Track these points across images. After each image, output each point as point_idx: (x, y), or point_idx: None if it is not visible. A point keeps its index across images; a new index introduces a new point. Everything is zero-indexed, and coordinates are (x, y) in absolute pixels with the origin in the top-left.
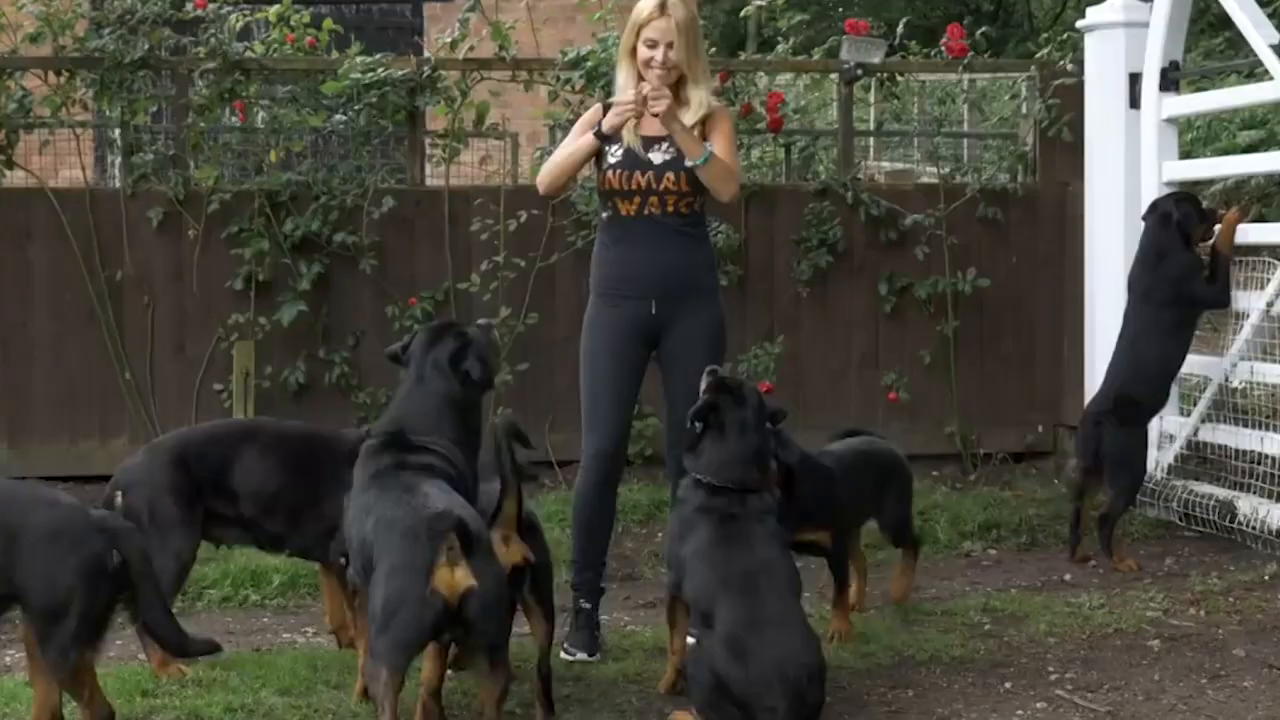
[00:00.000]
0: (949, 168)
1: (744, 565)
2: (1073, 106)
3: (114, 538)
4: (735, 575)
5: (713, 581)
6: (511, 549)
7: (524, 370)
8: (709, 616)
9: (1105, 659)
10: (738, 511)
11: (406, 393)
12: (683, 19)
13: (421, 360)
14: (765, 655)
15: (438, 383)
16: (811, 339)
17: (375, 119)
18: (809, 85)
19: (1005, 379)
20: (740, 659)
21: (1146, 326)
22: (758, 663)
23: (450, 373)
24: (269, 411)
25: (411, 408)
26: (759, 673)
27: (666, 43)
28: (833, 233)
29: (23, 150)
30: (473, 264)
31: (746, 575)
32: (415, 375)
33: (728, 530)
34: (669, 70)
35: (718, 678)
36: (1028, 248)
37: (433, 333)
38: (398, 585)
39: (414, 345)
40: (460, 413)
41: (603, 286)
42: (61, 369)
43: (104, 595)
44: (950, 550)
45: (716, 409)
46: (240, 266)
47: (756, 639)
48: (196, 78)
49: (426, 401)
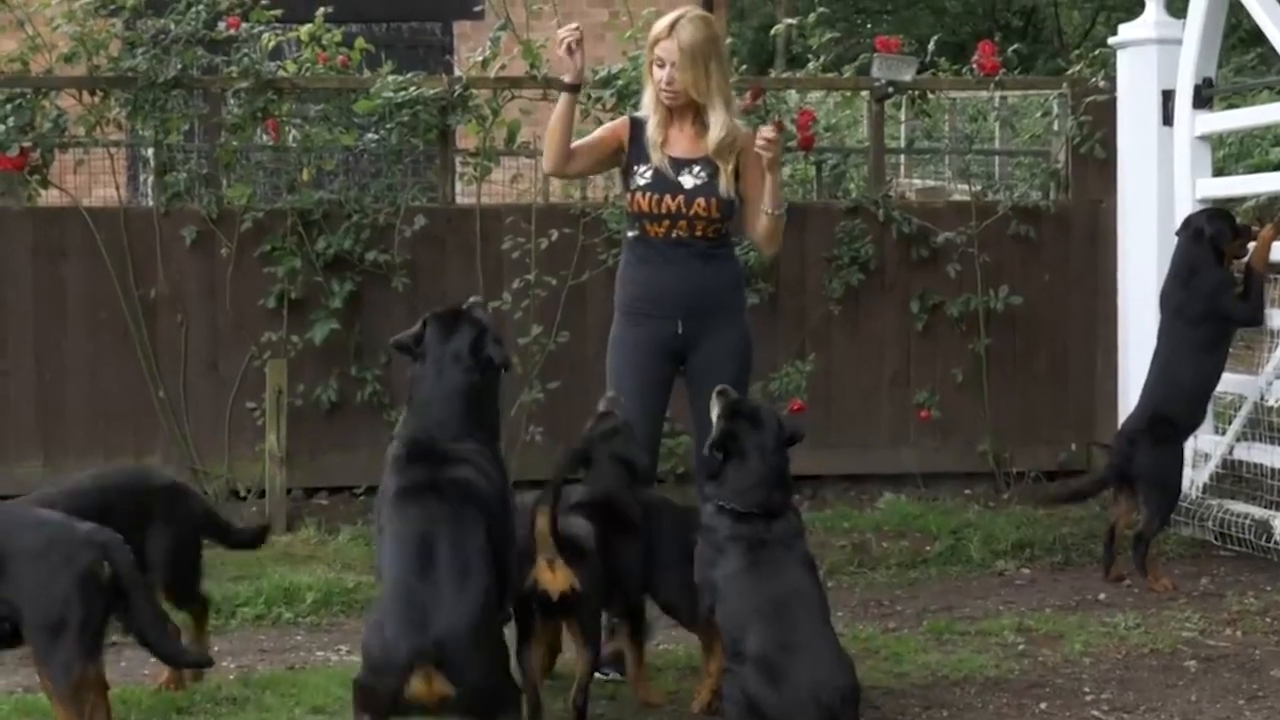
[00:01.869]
0: (980, 185)
1: (774, 591)
2: (1105, 123)
3: (105, 549)
4: (766, 601)
5: (744, 609)
6: (558, 575)
7: (555, 388)
8: (740, 643)
9: (1141, 679)
10: (766, 537)
11: (429, 390)
12: (688, 41)
13: (440, 352)
14: (799, 679)
15: (461, 376)
16: (843, 357)
17: (407, 137)
18: (840, 103)
19: (1038, 397)
20: (773, 683)
21: (1180, 344)
22: (791, 686)
23: (473, 363)
24: (302, 429)
25: (438, 408)
26: (793, 696)
27: (671, 63)
28: (864, 250)
29: (57, 169)
30: (504, 282)
31: (777, 601)
32: (435, 370)
33: (757, 557)
34: (675, 92)
35: (751, 700)
36: (1060, 265)
37: (445, 320)
38: None
39: (428, 336)
40: (486, 404)
41: (628, 305)
42: (96, 387)
43: (100, 607)
44: (984, 569)
45: (735, 436)
46: (273, 285)
47: (789, 662)
48: (229, 97)
49: (453, 400)
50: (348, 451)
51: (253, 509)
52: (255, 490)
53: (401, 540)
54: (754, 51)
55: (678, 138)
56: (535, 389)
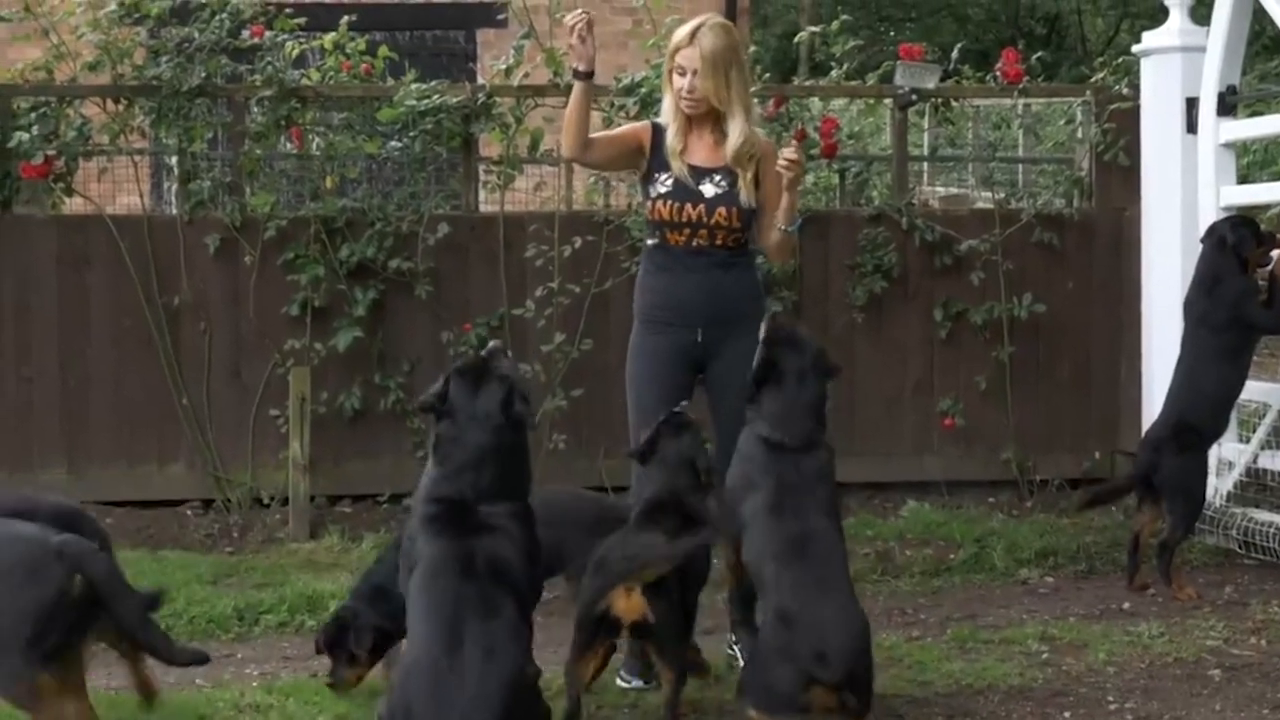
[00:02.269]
0: (1004, 193)
1: (794, 532)
2: (1129, 131)
3: (76, 563)
4: (787, 543)
5: (766, 549)
6: (632, 603)
7: (578, 396)
8: (761, 580)
9: (1165, 688)
10: (793, 479)
11: (461, 452)
12: (709, 49)
13: (469, 412)
14: (811, 616)
15: (490, 437)
16: (866, 365)
17: (430, 145)
18: (863, 110)
19: (1061, 405)
20: (788, 624)
21: (1204, 352)
22: (804, 622)
23: (502, 422)
24: (326, 437)
25: (469, 469)
26: (806, 631)
27: (692, 70)
28: (887, 258)
29: (81, 177)
30: (527, 290)
31: (796, 542)
32: (464, 429)
33: (784, 496)
34: (696, 101)
35: (769, 647)
36: (1084, 273)
37: (470, 377)
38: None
39: (454, 394)
40: (517, 464)
41: (647, 313)
42: (120, 394)
43: (62, 623)
44: (1007, 578)
45: (774, 363)
46: (296, 292)
47: (802, 602)
48: (253, 105)
49: (483, 461)
50: (371, 459)
51: (276, 516)
52: (279, 498)
53: (431, 619)
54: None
55: (697, 146)
56: (558, 396)
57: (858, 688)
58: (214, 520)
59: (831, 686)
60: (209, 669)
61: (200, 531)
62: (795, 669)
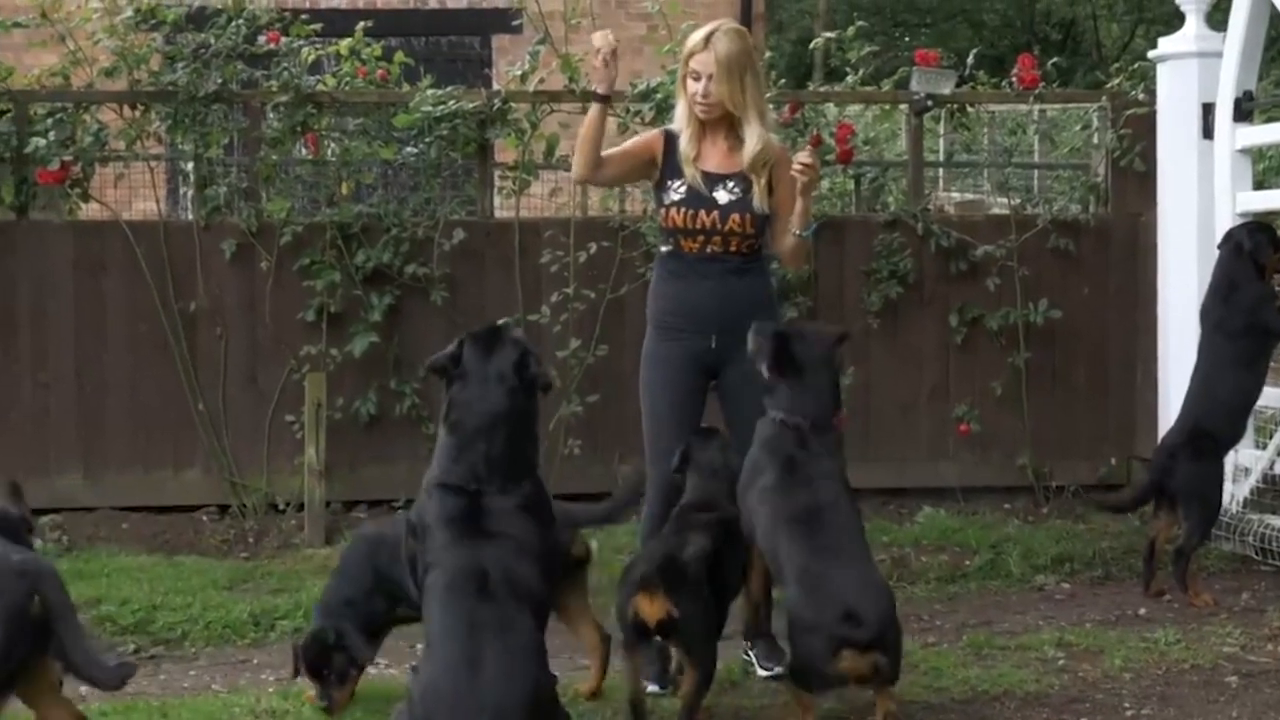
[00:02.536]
0: (1020, 198)
1: (806, 504)
2: (1145, 137)
3: (35, 581)
4: (799, 514)
5: (777, 522)
6: (655, 604)
7: (594, 402)
8: (777, 559)
9: (1182, 695)
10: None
11: (470, 416)
12: (724, 53)
13: (482, 373)
14: (834, 579)
15: (504, 399)
16: (882, 370)
17: (446, 151)
18: (878, 116)
19: (1077, 411)
20: (811, 591)
21: (1220, 358)
22: (828, 586)
23: (517, 384)
24: (341, 442)
25: (480, 437)
26: (830, 595)
27: (707, 75)
28: (903, 264)
29: (98, 183)
30: (543, 295)
31: (809, 512)
32: (477, 392)
33: (795, 476)
34: (710, 105)
35: (795, 621)
36: (1100, 279)
37: (485, 340)
38: None
39: (467, 356)
40: (529, 429)
41: (660, 320)
42: (136, 399)
43: (25, 643)
44: (1023, 584)
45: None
46: (312, 298)
47: (823, 567)
48: (269, 111)
49: (496, 428)
50: (387, 464)
51: (291, 522)
52: (294, 503)
53: (449, 639)
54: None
55: (711, 152)
56: (574, 402)
57: (888, 650)
58: (229, 525)
59: (863, 648)
60: (225, 675)
61: (216, 537)
62: (825, 635)
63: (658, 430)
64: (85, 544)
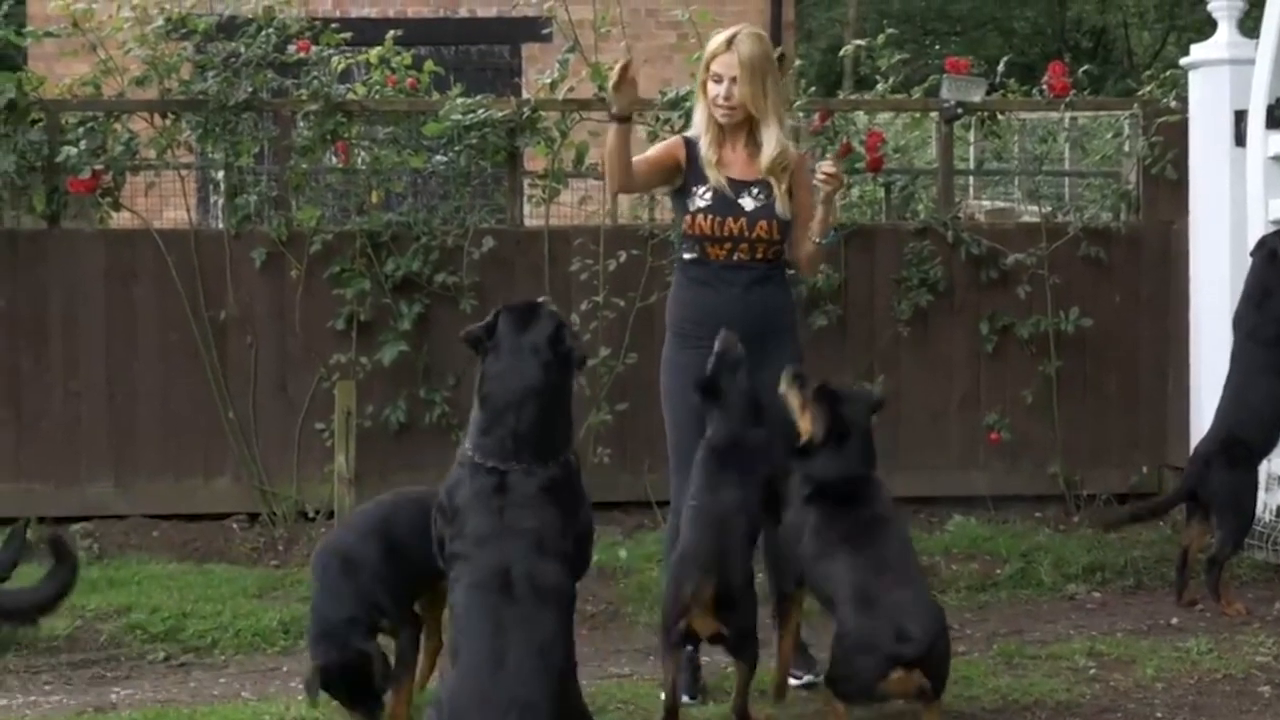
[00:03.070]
0: (1050, 206)
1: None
2: (1176, 144)
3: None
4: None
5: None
6: (706, 623)
7: (623, 410)
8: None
9: (1214, 705)
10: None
11: (504, 388)
12: (747, 55)
13: (517, 345)
14: (889, 600)
15: (539, 372)
16: (912, 379)
17: (475, 160)
18: (908, 124)
19: (1108, 419)
20: (867, 607)
21: (1253, 367)
22: (884, 604)
23: (551, 357)
24: (371, 450)
25: (514, 411)
26: (886, 612)
27: (730, 77)
28: (933, 272)
29: (129, 192)
30: (572, 304)
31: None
32: (511, 364)
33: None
34: (732, 108)
35: (849, 635)
36: (1131, 287)
37: (520, 313)
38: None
39: (501, 328)
40: (563, 403)
41: (680, 327)
42: (166, 408)
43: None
44: (1054, 593)
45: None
46: (342, 306)
47: (878, 585)
48: (299, 119)
49: (529, 400)
50: (416, 473)
51: (321, 530)
52: (324, 511)
53: (476, 641)
54: (822, 73)
55: (732, 158)
56: (603, 411)
57: (937, 668)
58: (259, 534)
59: (913, 665)
60: (255, 682)
61: (246, 545)
62: (878, 653)
63: (679, 438)
64: (116, 552)
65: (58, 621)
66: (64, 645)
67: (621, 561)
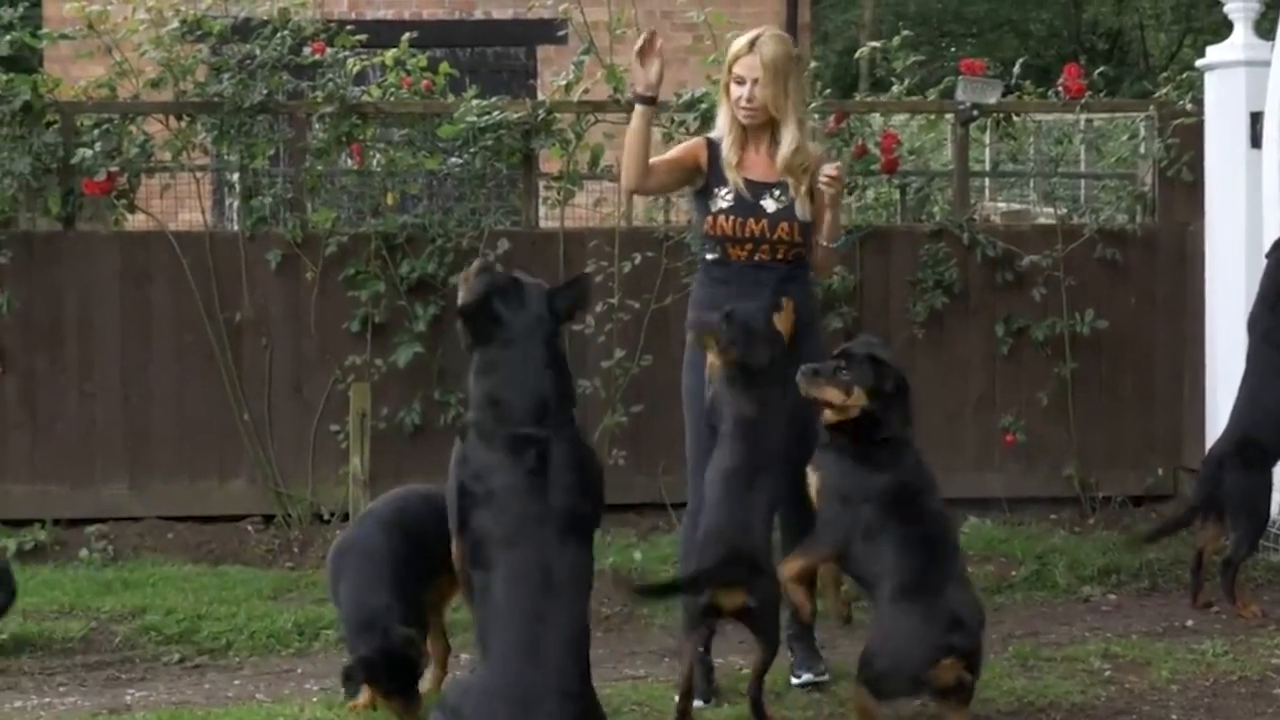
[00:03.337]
0: (1066, 208)
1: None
2: (1192, 146)
3: None
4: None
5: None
6: (733, 594)
7: (638, 412)
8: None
9: (1229, 707)
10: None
11: (519, 362)
12: (770, 57)
13: (521, 316)
14: (944, 591)
15: (544, 347)
16: (927, 380)
17: (490, 161)
18: (924, 126)
19: (1124, 421)
20: (919, 597)
21: (1268, 369)
22: (936, 597)
23: (548, 317)
24: (386, 452)
25: (518, 382)
26: (940, 603)
27: (753, 79)
28: (948, 274)
29: (144, 193)
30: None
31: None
32: (521, 335)
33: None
34: (755, 109)
35: (897, 627)
36: (1147, 289)
37: (511, 283)
38: None
39: (496, 300)
40: (563, 365)
41: None
42: (181, 410)
43: None
44: (1069, 595)
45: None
46: (357, 308)
47: (931, 577)
48: (314, 121)
49: (543, 375)
50: (431, 475)
51: (336, 532)
52: (339, 513)
53: (510, 624)
54: (838, 75)
55: (754, 160)
56: (618, 413)
57: (977, 663)
58: (274, 535)
59: (963, 656)
60: (270, 684)
61: (261, 547)
62: (929, 642)
63: (697, 440)
64: (131, 554)
65: (72, 624)
66: (79, 647)
67: (636, 564)
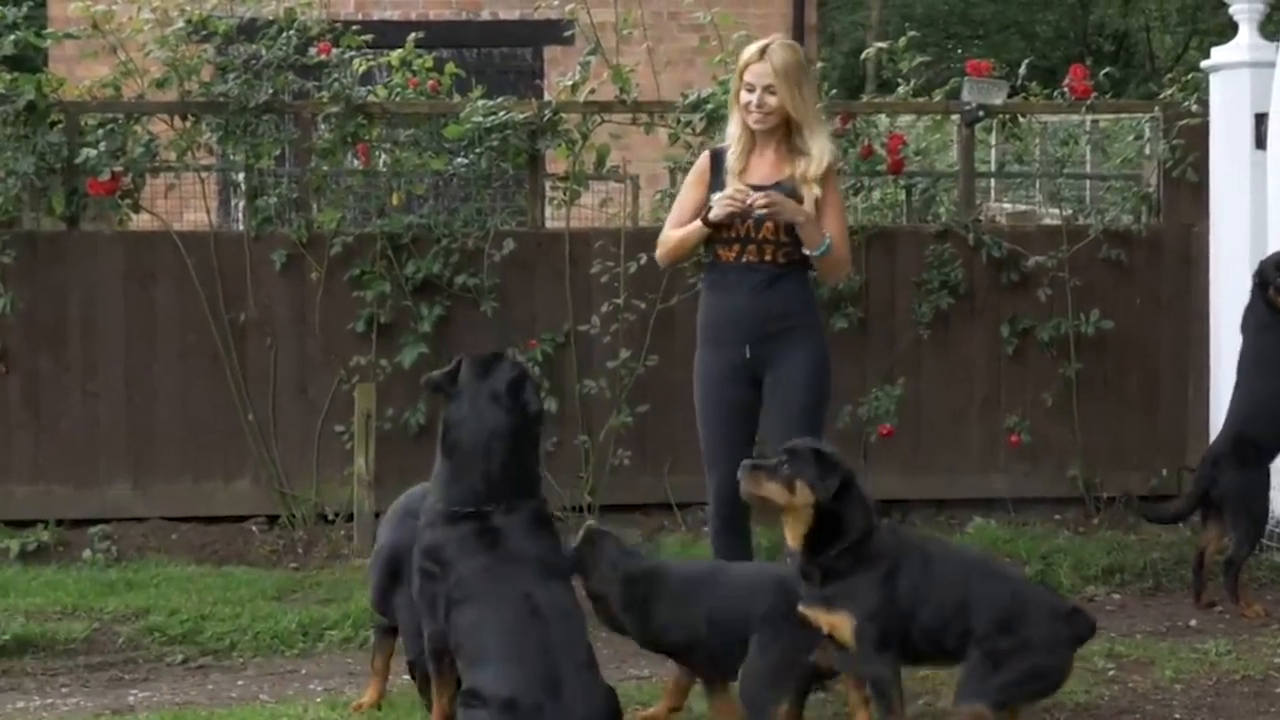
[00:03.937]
0: (1071, 209)
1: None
2: (1197, 147)
3: None
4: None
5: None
6: (829, 655)
7: (644, 412)
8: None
9: (1232, 706)
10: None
11: (471, 441)
12: (782, 63)
13: (480, 394)
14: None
15: (504, 419)
16: (932, 381)
17: (496, 162)
18: (930, 127)
19: (1128, 421)
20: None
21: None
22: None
23: (512, 405)
24: (391, 453)
25: (482, 464)
26: (1047, 604)
27: (764, 86)
28: (954, 274)
29: (149, 194)
30: (593, 306)
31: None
32: (475, 413)
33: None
34: (766, 115)
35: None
36: (1151, 289)
37: (483, 362)
38: None
39: (464, 376)
40: (529, 453)
41: (702, 331)
42: (185, 410)
43: None
44: (1074, 594)
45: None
46: (362, 309)
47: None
48: (320, 122)
49: (494, 453)
50: None
51: (341, 532)
52: (343, 514)
53: (517, 659)
54: (844, 76)
55: (758, 164)
56: (624, 413)
57: None
58: (279, 536)
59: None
60: (273, 685)
61: (265, 547)
62: (1066, 637)
63: (708, 440)
64: (134, 554)
65: (75, 624)
66: (82, 648)
67: None
